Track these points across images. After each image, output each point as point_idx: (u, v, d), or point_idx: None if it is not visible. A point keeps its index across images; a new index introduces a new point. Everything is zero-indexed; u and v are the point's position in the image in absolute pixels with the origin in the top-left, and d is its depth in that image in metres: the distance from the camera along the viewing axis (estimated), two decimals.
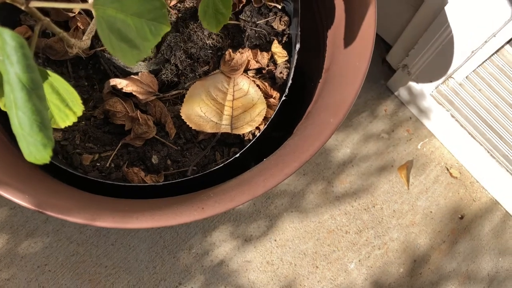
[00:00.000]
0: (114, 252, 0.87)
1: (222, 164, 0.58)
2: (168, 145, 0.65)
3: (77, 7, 0.32)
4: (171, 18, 0.66)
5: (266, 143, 0.64)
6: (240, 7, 0.70)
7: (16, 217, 0.87)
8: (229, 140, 0.66)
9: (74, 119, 0.39)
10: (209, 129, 0.64)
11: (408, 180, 0.94)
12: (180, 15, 0.66)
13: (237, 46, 0.69)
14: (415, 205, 0.93)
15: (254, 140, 0.60)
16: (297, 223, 0.90)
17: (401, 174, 0.94)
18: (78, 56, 0.67)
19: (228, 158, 0.62)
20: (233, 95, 0.66)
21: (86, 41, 0.43)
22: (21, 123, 0.28)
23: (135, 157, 0.64)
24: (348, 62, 0.56)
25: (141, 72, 0.64)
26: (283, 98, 0.60)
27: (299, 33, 0.62)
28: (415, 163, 0.95)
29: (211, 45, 0.67)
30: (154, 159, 0.63)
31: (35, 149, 0.29)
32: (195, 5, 0.67)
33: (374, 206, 0.92)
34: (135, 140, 0.64)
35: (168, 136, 0.65)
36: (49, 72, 0.36)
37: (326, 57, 0.64)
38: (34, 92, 0.28)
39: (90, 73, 0.68)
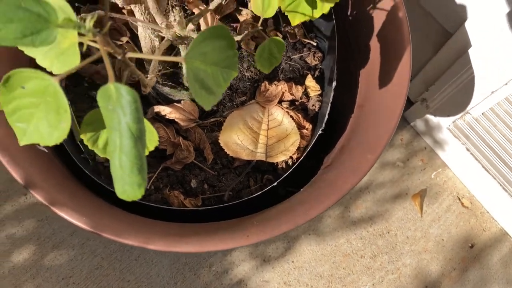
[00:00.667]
0: (137, 267, 0.89)
1: (261, 192, 0.61)
2: (205, 170, 0.68)
3: (170, 59, 0.36)
4: None
5: (296, 171, 0.67)
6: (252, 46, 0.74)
7: (43, 229, 0.90)
8: (263, 168, 0.69)
9: (145, 153, 0.42)
10: (245, 156, 0.68)
11: (421, 208, 0.97)
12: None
13: (272, 78, 0.73)
14: (427, 233, 0.96)
15: (291, 169, 0.63)
16: (314, 245, 0.93)
17: (415, 202, 0.97)
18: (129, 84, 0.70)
19: (263, 186, 0.65)
20: (268, 125, 0.70)
21: (153, 79, 0.46)
22: (123, 166, 0.32)
23: (174, 180, 0.67)
24: (383, 102, 0.60)
25: (184, 100, 0.67)
26: (320, 131, 0.64)
27: (336, 70, 0.66)
28: (429, 192, 0.99)
29: (249, 77, 0.71)
30: (193, 183, 0.66)
31: (130, 188, 0.33)
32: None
33: (388, 232, 0.96)
34: (175, 164, 0.67)
35: (206, 161, 0.69)
36: None
37: (358, 94, 0.68)
38: (139, 140, 0.31)
39: None
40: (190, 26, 0.58)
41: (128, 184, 0.32)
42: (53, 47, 0.40)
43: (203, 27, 0.68)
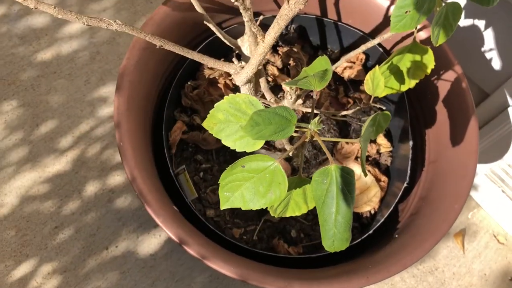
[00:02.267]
0: None
1: (360, 240, 0.71)
2: (300, 221, 0.78)
3: (349, 141, 0.46)
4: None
5: (373, 218, 0.78)
6: (348, 107, 0.86)
7: (126, 280, 0.97)
8: None
9: (304, 211, 0.53)
10: None
11: (463, 246, 1.08)
12: (307, 115, 0.81)
13: (344, 137, 0.84)
14: (471, 268, 1.07)
15: (384, 219, 0.73)
16: (373, 285, 1.02)
17: (457, 241, 1.08)
18: (222, 146, 0.80)
19: (358, 235, 0.75)
20: None
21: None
22: (337, 225, 0.42)
23: (274, 231, 0.77)
24: (457, 158, 0.72)
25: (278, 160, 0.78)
26: (405, 185, 0.75)
27: (410, 130, 0.78)
28: (468, 231, 1.10)
29: (328, 138, 0.82)
30: (293, 233, 0.76)
31: (338, 242, 0.42)
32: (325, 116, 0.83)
33: (436, 269, 1.06)
34: (275, 217, 0.76)
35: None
36: (307, 179, 0.50)
37: (427, 151, 0.79)
38: (352, 205, 0.42)
39: (228, 158, 0.82)
40: (299, 101, 0.70)
41: (338, 239, 0.42)
42: (237, 132, 0.50)
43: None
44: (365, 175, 0.47)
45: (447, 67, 0.75)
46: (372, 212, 0.79)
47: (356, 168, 0.82)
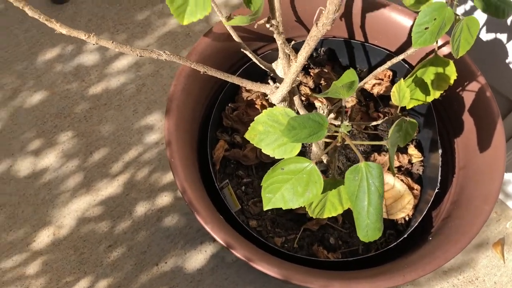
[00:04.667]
0: None
1: (395, 244, 0.75)
2: (337, 229, 0.82)
3: (378, 143, 0.52)
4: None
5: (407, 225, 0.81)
6: (379, 120, 0.91)
7: None
8: (385, 224, 0.83)
9: (340, 212, 0.58)
10: None
11: (503, 255, 1.09)
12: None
13: (379, 150, 0.89)
14: None
15: (417, 224, 0.77)
16: None
17: (496, 250, 1.09)
18: (261, 162, 0.87)
19: (387, 239, 0.79)
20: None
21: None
22: (369, 216, 0.47)
23: (313, 239, 0.81)
24: (485, 163, 0.76)
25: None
26: (436, 190, 0.79)
27: (439, 140, 0.82)
28: (507, 240, 1.11)
29: (362, 150, 0.87)
30: (331, 240, 0.80)
31: (372, 232, 0.47)
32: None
33: (477, 279, 1.07)
34: (314, 225, 0.82)
35: (337, 222, 0.83)
36: (340, 181, 0.55)
37: (456, 158, 0.83)
38: (381, 197, 0.47)
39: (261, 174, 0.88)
40: (332, 115, 0.76)
41: (371, 229, 0.47)
42: (275, 141, 0.57)
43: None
44: (393, 174, 0.52)
45: (470, 77, 0.80)
46: (407, 218, 0.83)
47: (390, 178, 0.86)
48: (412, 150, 0.88)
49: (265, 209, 0.54)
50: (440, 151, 0.81)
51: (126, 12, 1.33)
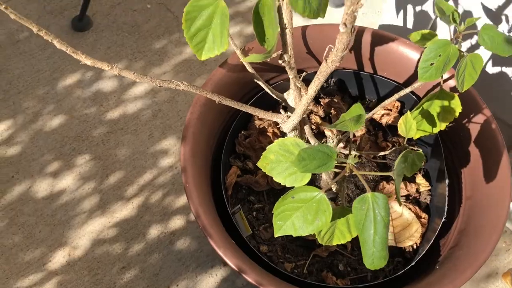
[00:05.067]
0: None
1: (403, 271, 0.77)
2: (346, 256, 0.84)
3: (383, 174, 0.54)
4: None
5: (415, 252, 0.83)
6: (387, 150, 0.93)
7: None
8: (393, 251, 0.85)
9: (348, 239, 0.60)
10: None
11: None
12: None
13: (387, 178, 0.91)
14: None
15: (425, 251, 0.79)
16: None
17: (505, 280, 1.10)
18: (272, 188, 0.89)
19: (395, 267, 0.81)
20: (391, 217, 0.87)
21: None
22: (375, 244, 0.49)
23: (323, 265, 0.83)
24: (491, 193, 0.77)
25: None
26: (443, 219, 0.81)
27: (446, 170, 0.84)
28: None
29: (371, 179, 0.89)
30: (340, 267, 0.82)
31: (377, 260, 0.49)
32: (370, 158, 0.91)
33: None
34: (323, 251, 0.83)
35: (346, 249, 0.85)
36: (348, 209, 0.58)
37: (463, 188, 0.85)
38: (387, 227, 0.49)
39: (277, 198, 0.90)
40: (341, 144, 0.78)
41: (377, 258, 0.49)
42: (286, 170, 0.59)
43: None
44: (400, 204, 0.54)
45: (476, 110, 0.82)
46: (415, 246, 0.84)
47: (398, 207, 0.88)
48: (420, 179, 0.90)
49: (276, 236, 0.56)
50: (447, 181, 0.83)
51: (144, 40, 1.38)
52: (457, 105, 0.73)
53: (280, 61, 0.60)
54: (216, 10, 0.52)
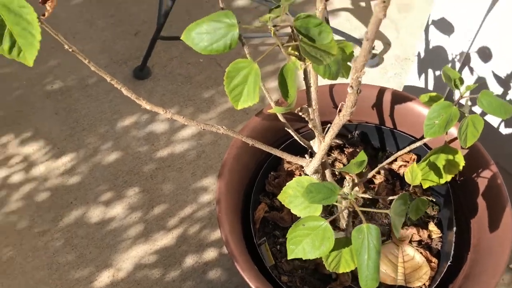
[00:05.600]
0: None
1: None
2: None
3: (383, 212, 0.65)
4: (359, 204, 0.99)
5: None
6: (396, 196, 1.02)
7: None
8: None
9: (352, 268, 0.69)
10: (389, 282, 0.92)
11: None
12: (367, 202, 0.99)
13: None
14: None
15: None
16: None
17: None
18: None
19: None
20: (403, 259, 0.95)
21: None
22: (368, 268, 0.59)
23: None
24: (495, 241, 0.85)
25: (327, 220, 0.95)
26: (449, 263, 0.88)
27: (454, 219, 0.92)
28: None
29: (387, 222, 0.98)
30: None
31: (370, 282, 0.59)
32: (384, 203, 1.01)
33: None
34: (337, 285, 0.92)
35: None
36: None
37: (472, 236, 0.93)
38: (378, 253, 0.59)
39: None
40: (356, 188, 0.89)
41: (370, 279, 0.59)
42: (302, 204, 0.71)
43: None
44: (397, 243, 0.64)
45: (484, 165, 0.91)
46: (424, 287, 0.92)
47: (410, 250, 0.96)
48: (432, 226, 0.98)
49: (289, 258, 0.67)
50: (454, 229, 0.91)
51: (195, 90, 1.56)
52: (460, 160, 0.83)
53: (300, 113, 0.72)
54: (251, 71, 0.65)
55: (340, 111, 0.69)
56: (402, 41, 1.69)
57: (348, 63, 0.89)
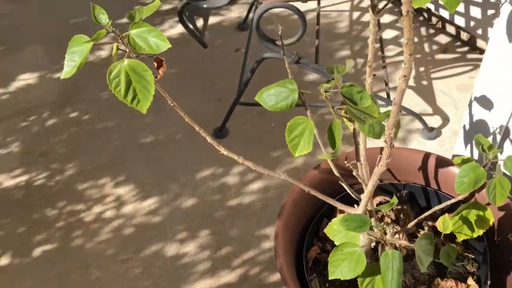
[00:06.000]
0: None
1: None
2: None
3: (410, 245, 0.79)
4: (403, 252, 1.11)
5: None
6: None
7: None
8: None
9: None
10: None
11: None
12: (409, 253, 1.11)
13: (442, 276, 1.10)
14: None
15: None
16: None
17: None
18: None
19: None
20: None
21: None
22: (392, 286, 0.72)
23: None
24: None
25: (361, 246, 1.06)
26: None
27: (489, 275, 1.01)
28: None
29: (427, 273, 1.09)
30: None
31: None
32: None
33: None
34: None
35: None
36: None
37: None
38: (400, 274, 0.72)
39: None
40: (397, 236, 1.02)
41: None
42: (345, 236, 0.86)
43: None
44: (422, 270, 0.77)
45: None
46: None
47: None
48: (470, 281, 1.07)
49: (330, 278, 0.81)
50: (488, 282, 1.00)
51: (265, 150, 1.77)
52: (490, 216, 0.94)
53: (346, 163, 0.89)
54: (307, 126, 0.84)
55: (379, 162, 0.85)
56: (460, 117, 1.82)
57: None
